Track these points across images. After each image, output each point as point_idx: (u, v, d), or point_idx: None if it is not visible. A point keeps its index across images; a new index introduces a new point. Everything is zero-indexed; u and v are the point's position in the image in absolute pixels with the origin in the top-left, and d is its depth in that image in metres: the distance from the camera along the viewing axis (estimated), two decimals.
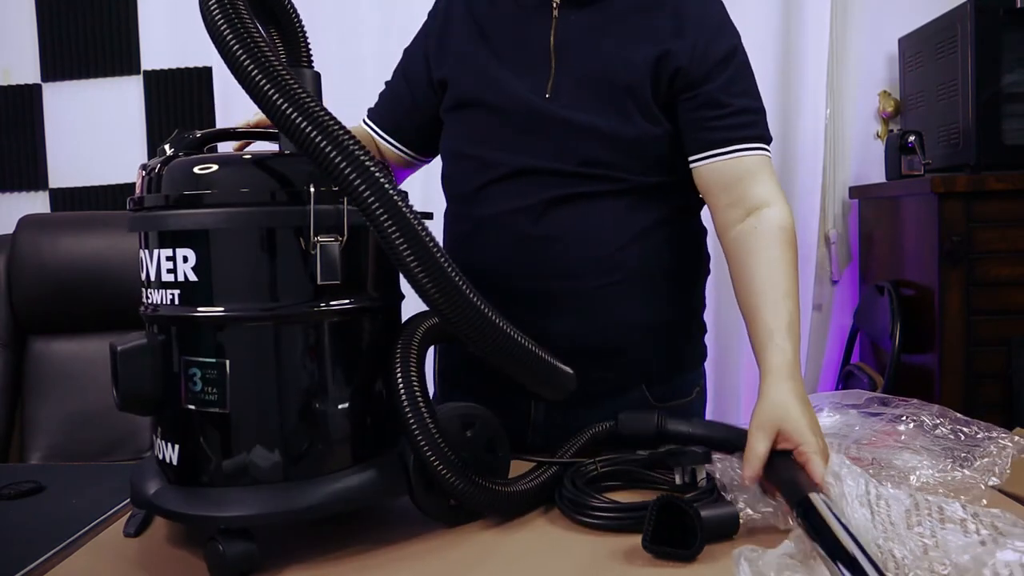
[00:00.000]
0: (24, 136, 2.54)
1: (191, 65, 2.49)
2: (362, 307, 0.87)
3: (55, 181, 2.56)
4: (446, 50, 1.24)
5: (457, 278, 0.80)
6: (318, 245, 0.81)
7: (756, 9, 2.29)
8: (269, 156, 0.86)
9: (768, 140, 1.16)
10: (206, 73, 2.47)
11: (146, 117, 2.52)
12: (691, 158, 1.15)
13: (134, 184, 0.89)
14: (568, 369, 0.96)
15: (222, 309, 0.82)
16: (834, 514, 0.73)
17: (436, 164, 1.33)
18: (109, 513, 0.97)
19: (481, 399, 0.97)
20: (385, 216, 0.76)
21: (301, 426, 0.84)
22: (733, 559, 0.71)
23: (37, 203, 2.57)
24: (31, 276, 1.76)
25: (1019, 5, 2.04)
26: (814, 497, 0.77)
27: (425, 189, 1.98)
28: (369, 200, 0.76)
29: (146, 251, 0.86)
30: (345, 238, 0.83)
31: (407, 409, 0.86)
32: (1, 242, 1.80)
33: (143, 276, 0.87)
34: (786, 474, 0.86)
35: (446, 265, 0.79)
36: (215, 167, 0.84)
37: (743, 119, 1.13)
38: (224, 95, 2.41)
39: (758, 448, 0.90)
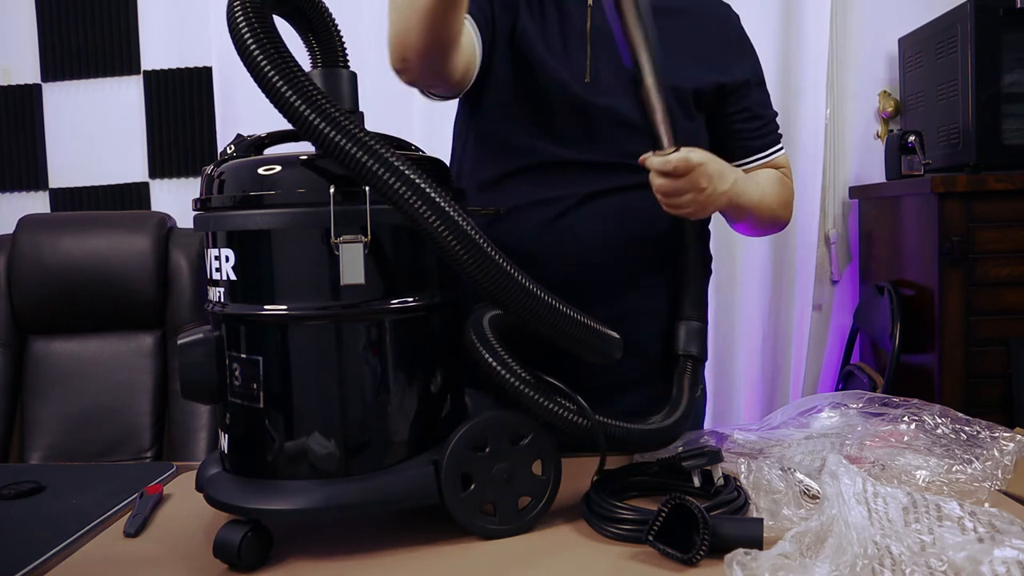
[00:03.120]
0: (24, 136, 2.55)
1: (191, 65, 2.49)
2: (422, 305, 0.88)
3: (55, 181, 2.57)
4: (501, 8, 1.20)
5: (484, 242, 0.81)
6: (340, 246, 0.82)
7: (756, 9, 2.29)
8: (290, 158, 0.87)
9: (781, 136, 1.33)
10: (206, 73, 2.47)
11: (146, 117, 2.52)
12: (738, 163, 1.27)
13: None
14: (614, 333, 0.96)
15: (257, 307, 0.84)
16: None
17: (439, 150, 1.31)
18: (109, 513, 0.98)
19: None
20: (426, 210, 0.78)
21: (335, 424, 0.85)
22: (726, 563, 0.71)
23: (37, 203, 2.57)
24: (31, 276, 1.76)
25: (1019, 5, 2.04)
26: None
27: None
28: (405, 194, 0.77)
29: (207, 250, 0.89)
30: (369, 238, 0.83)
31: (491, 361, 0.89)
32: (1, 242, 1.81)
33: (207, 274, 0.90)
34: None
35: (475, 235, 0.80)
36: (236, 169, 0.87)
37: (774, 125, 1.31)
38: (224, 95, 2.41)
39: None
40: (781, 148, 1.32)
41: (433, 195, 0.79)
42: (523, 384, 0.89)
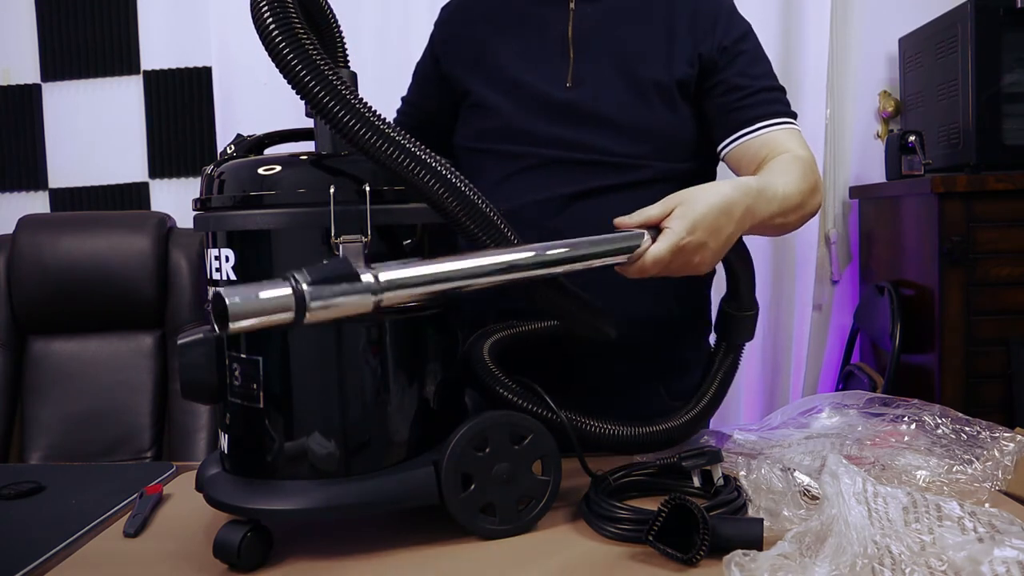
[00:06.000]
0: (24, 136, 2.54)
1: (191, 65, 2.49)
2: (423, 305, 0.88)
3: (55, 181, 2.57)
4: (456, 53, 1.25)
5: (490, 211, 0.83)
6: (340, 246, 0.82)
7: (756, 10, 2.29)
8: (290, 158, 0.87)
9: (794, 115, 1.18)
10: (206, 73, 2.47)
11: (146, 117, 2.52)
12: (722, 144, 1.18)
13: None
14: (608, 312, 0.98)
15: None
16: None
17: None
18: (109, 513, 0.98)
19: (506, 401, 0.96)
20: (443, 191, 0.80)
21: (335, 424, 0.85)
22: (724, 564, 0.71)
23: (37, 203, 2.57)
24: (31, 276, 1.76)
25: (1019, 5, 2.04)
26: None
27: None
28: (404, 162, 0.78)
29: (207, 250, 0.89)
30: (369, 238, 0.83)
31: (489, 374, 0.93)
32: (1, 242, 1.81)
33: (207, 274, 0.90)
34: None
35: (495, 219, 0.83)
36: (236, 169, 0.87)
37: (765, 97, 1.16)
38: (224, 95, 2.41)
39: (650, 209, 0.93)
40: (782, 123, 1.16)
41: (443, 171, 0.80)
42: (505, 389, 0.94)
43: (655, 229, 0.92)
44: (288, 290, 0.69)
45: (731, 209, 0.94)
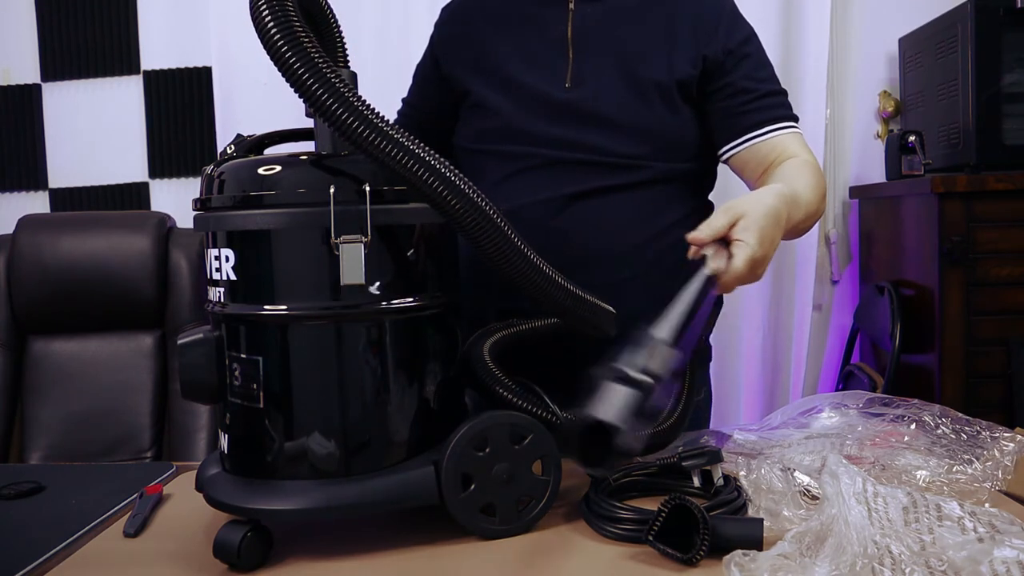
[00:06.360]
0: (24, 136, 2.55)
1: (191, 65, 2.49)
2: (422, 305, 0.88)
3: (55, 181, 2.57)
4: (456, 54, 1.26)
5: (491, 210, 0.82)
6: (340, 246, 0.82)
7: (756, 10, 2.29)
8: (290, 158, 0.87)
9: (796, 119, 1.20)
10: (206, 73, 2.47)
11: (146, 117, 2.52)
12: (727, 147, 1.19)
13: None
14: (608, 307, 0.98)
15: (257, 308, 0.84)
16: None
17: None
18: (109, 513, 0.98)
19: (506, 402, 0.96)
20: (445, 190, 0.79)
21: (335, 424, 0.85)
22: (724, 564, 0.71)
23: (37, 203, 2.57)
24: (31, 276, 1.76)
25: (1019, 5, 2.04)
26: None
27: None
28: (416, 168, 0.78)
29: (207, 250, 0.89)
30: (369, 238, 0.83)
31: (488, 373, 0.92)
32: (1, 242, 1.81)
33: (207, 274, 0.90)
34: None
35: (488, 209, 0.82)
36: (236, 169, 0.87)
37: (771, 101, 1.18)
38: (224, 95, 2.41)
39: (716, 222, 0.92)
40: (787, 127, 1.18)
41: (444, 170, 0.80)
42: (505, 390, 0.92)
43: (722, 242, 0.93)
44: (640, 391, 0.79)
45: (779, 218, 0.97)
